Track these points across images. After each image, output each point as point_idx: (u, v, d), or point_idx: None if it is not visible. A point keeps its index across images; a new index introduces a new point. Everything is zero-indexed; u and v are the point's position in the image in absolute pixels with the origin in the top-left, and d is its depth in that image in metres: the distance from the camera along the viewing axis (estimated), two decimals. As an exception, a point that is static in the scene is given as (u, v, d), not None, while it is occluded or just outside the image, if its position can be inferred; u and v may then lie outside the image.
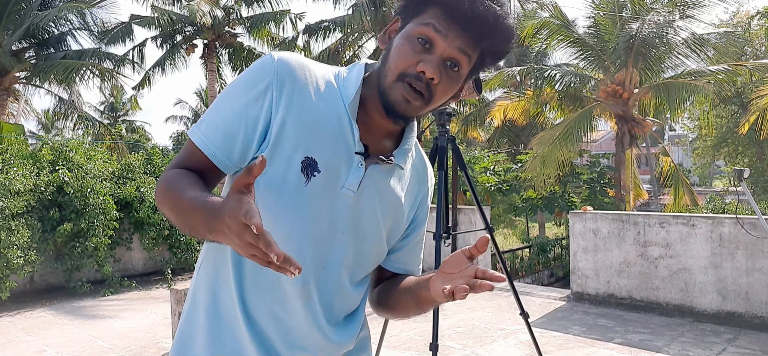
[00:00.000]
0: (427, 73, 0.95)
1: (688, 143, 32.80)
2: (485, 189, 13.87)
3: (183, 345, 1.07)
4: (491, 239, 3.47)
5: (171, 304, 4.61)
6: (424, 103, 0.98)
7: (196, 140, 0.99)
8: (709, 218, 5.26)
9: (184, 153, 1.02)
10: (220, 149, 0.98)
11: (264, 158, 0.77)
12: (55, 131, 26.80)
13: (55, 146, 7.59)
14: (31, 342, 5.23)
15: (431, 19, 0.96)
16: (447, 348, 4.63)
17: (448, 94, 1.01)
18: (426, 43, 0.96)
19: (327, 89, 1.02)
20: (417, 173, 1.15)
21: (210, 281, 1.05)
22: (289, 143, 0.96)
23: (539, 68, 13.10)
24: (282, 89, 0.97)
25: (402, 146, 1.08)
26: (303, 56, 1.03)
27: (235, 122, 0.97)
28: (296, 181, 0.96)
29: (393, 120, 1.01)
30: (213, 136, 0.98)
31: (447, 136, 3.17)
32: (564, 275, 12.04)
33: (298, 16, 16.53)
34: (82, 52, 14.05)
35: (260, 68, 0.99)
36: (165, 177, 0.98)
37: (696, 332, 4.92)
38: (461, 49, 0.97)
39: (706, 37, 11.65)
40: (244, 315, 1.00)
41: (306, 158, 0.97)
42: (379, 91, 0.99)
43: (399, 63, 0.97)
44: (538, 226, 20.10)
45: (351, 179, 1.00)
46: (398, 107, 0.98)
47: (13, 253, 6.24)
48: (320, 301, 1.02)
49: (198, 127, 1.01)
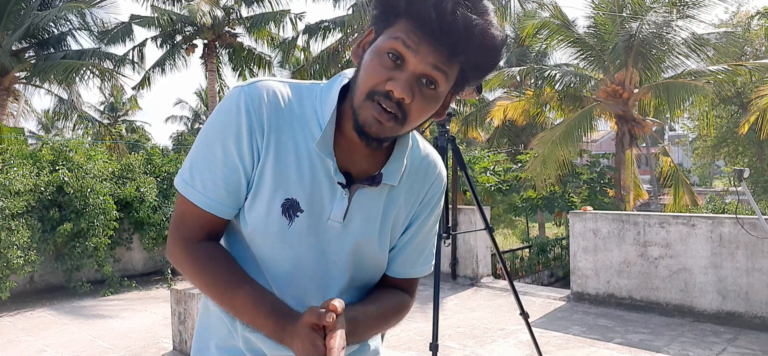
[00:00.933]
0: (395, 93, 0.86)
1: (688, 143, 32.80)
2: (485, 189, 13.87)
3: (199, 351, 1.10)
4: (491, 239, 3.47)
5: (171, 304, 4.62)
6: (398, 124, 0.90)
7: (198, 202, 0.96)
8: (709, 218, 5.26)
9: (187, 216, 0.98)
10: (227, 204, 0.97)
11: (335, 311, 0.85)
12: (55, 131, 26.79)
13: (55, 146, 7.59)
14: (31, 342, 5.23)
15: (400, 32, 0.87)
16: (447, 348, 4.63)
17: (425, 113, 0.92)
18: (397, 58, 0.88)
19: (302, 115, 0.97)
20: (418, 175, 1.07)
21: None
22: (268, 187, 0.95)
23: (539, 68, 13.11)
24: (261, 128, 0.94)
25: (391, 163, 1.00)
26: (273, 80, 0.98)
27: (234, 175, 0.95)
28: (278, 224, 0.95)
29: (366, 143, 0.92)
30: (215, 194, 0.95)
31: (447, 136, 3.17)
32: (564, 275, 12.04)
33: (298, 16, 16.53)
34: (82, 52, 14.06)
35: (236, 108, 0.93)
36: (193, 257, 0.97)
37: (696, 332, 4.92)
38: (435, 65, 0.87)
39: (706, 37, 11.66)
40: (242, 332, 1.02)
41: (286, 200, 0.95)
42: (352, 111, 0.92)
43: (367, 80, 0.89)
44: (538, 226, 20.10)
45: (335, 211, 0.97)
46: (369, 129, 0.90)
47: (13, 253, 6.24)
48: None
49: (192, 184, 0.96)
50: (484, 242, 7.09)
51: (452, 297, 6.42)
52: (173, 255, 1.00)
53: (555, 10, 12.15)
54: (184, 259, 0.98)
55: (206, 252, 0.98)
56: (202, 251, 0.97)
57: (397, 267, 1.10)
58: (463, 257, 7.14)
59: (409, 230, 1.09)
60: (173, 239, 0.99)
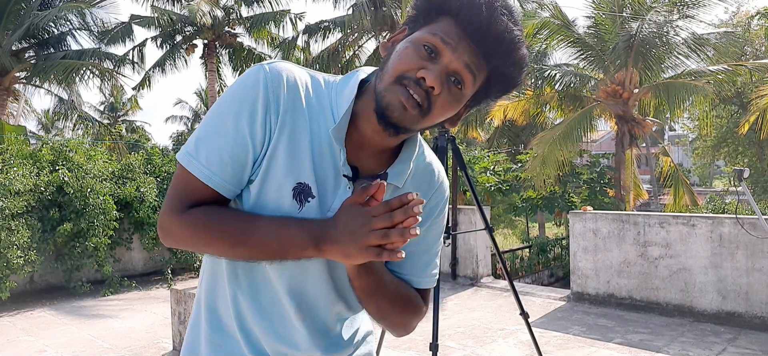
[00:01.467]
0: (427, 80, 0.88)
1: (688, 143, 32.81)
2: (485, 189, 13.88)
3: (190, 351, 1.07)
4: (491, 239, 3.48)
5: (171, 304, 4.62)
6: (420, 114, 0.90)
7: (199, 175, 0.91)
8: (709, 218, 5.26)
9: (184, 189, 0.93)
10: (232, 181, 0.93)
11: (383, 183, 0.85)
12: (55, 131, 26.78)
13: (55, 146, 7.59)
14: (31, 342, 5.23)
15: (440, 29, 0.90)
16: (447, 348, 4.63)
17: (447, 111, 0.93)
18: (431, 51, 0.89)
19: (318, 103, 0.96)
20: (422, 180, 1.06)
21: (207, 292, 1.05)
22: (281, 169, 0.93)
23: (539, 68, 13.10)
24: (278, 107, 0.92)
25: (397, 164, 1.00)
26: (295, 65, 0.97)
27: (241, 151, 0.91)
28: (289, 208, 0.93)
29: (384, 128, 0.92)
30: (219, 168, 0.91)
31: (447, 136, 3.17)
32: (564, 275, 12.04)
33: (298, 16, 16.54)
34: (82, 52, 14.07)
35: (254, 84, 0.92)
36: (194, 217, 0.92)
37: (696, 332, 4.92)
38: (467, 65, 0.90)
39: (706, 37, 11.66)
40: (241, 330, 1.00)
41: (298, 184, 0.93)
42: (375, 95, 0.92)
43: (399, 65, 0.90)
44: (538, 226, 20.11)
45: (337, 202, 0.95)
46: (392, 112, 0.89)
47: (13, 253, 6.24)
48: (312, 320, 1.01)
49: (194, 156, 0.92)
50: (484, 242, 7.09)
51: (452, 297, 6.42)
52: (168, 228, 0.94)
53: (555, 10, 12.15)
54: (185, 223, 0.92)
55: (206, 208, 0.93)
56: (201, 209, 0.93)
57: (403, 275, 1.08)
58: (463, 257, 7.14)
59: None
60: (168, 212, 0.93)
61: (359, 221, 0.84)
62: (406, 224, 0.82)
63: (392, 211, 0.83)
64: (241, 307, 0.99)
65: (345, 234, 0.85)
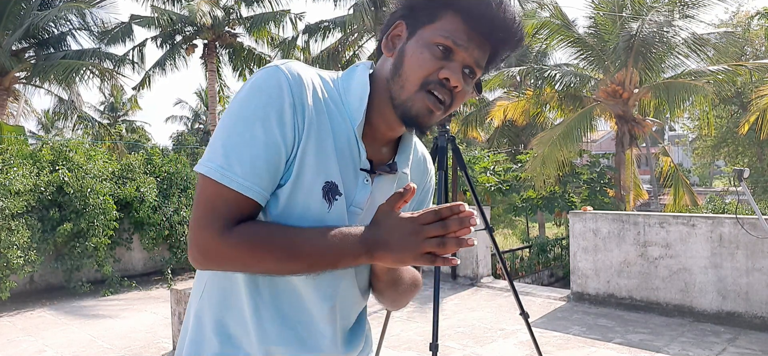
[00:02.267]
0: (451, 81, 0.91)
1: (688, 143, 32.80)
2: (485, 189, 13.88)
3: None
4: (491, 239, 3.47)
5: (171, 304, 4.62)
6: (442, 111, 0.96)
7: (238, 188, 0.87)
8: (709, 218, 5.26)
9: (221, 204, 0.88)
10: (268, 189, 0.91)
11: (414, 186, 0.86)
12: (55, 131, 26.79)
13: (55, 146, 7.60)
14: (31, 342, 5.23)
15: (450, 30, 0.92)
16: (447, 348, 4.63)
17: (464, 100, 0.99)
18: (445, 50, 0.92)
19: (332, 102, 0.98)
20: (419, 167, 1.15)
21: (213, 307, 1.00)
22: (310, 170, 0.92)
23: (539, 68, 13.11)
24: (303, 110, 0.91)
25: (402, 152, 1.06)
26: (304, 65, 0.97)
27: (275, 157, 0.89)
28: (319, 207, 0.93)
29: (416, 131, 0.99)
30: (257, 179, 0.88)
31: (447, 136, 3.17)
32: (564, 275, 12.04)
33: (298, 16, 16.54)
34: (82, 52, 14.07)
35: (277, 88, 0.89)
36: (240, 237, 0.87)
37: (696, 332, 4.92)
38: (478, 61, 0.95)
39: (706, 37, 11.66)
40: (260, 344, 0.96)
41: (327, 183, 0.94)
42: (395, 103, 0.94)
43: (420, 71, 0.92)
44: (538, 226, 20.10)
45: (359, 197, 0.98)
46: (422, 120, 0.94)
47: (13, 253, 6.24)
48: (341, 319, 1.03)
49: (229, 168, 0.87)
50: (484, 242, 7.09)
51: (452, 297, 6.42)
52: (214, 251, 0.88)
53: (555, 10, 12.16)
54: (231, 245, 0.87)
55: (252, 225, 0.90)
56: (247, 227, 0.89)
57: None
58: (463, 257, 7.14)
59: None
60: (209, 233, 0.87)
61: (410, 229, 0.86)
62: (460, 234, 0.85)
63: (443, 220, 0.85)
64: (263, 318, 0.96)
65: (398, 242, 0.87)
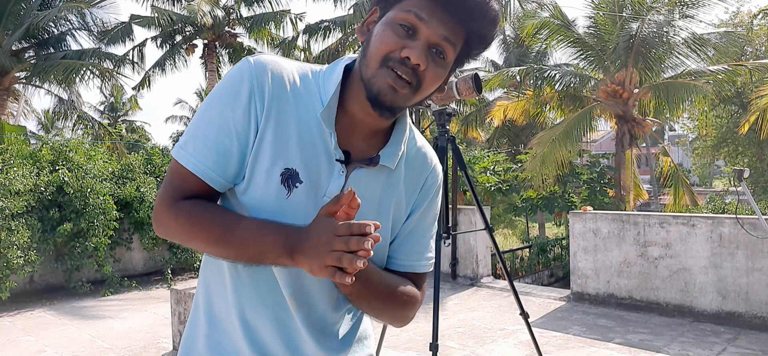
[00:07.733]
0: (412, 59, 0.89)
1: (688, 143, 32.81)
2: (485, 189, 13.88)
3: (187, 348, 1.08)
4: (491, 239, 3.47)
5: (171, 304, 4.61)
6: (411, 91, 0.92)
7: (186, 164, 0.94)
8: (709, 218, 5.25)
9: (176, 179, 0.96)
10: (215, 169, 0.94)
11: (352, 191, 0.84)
12: (55, 131, 26.78)
13: (55, 146, 7.59)
14: (31, 342, 5.23)
15: (412, 5, 0.91)
16: (447, 348, 4.63)
17: (436, 82, 0.95)
18: (409, 29, 0.91)
19: (305, 91, 0.97)
20: (415, 163, 1.08)
21: (205, 291, 1.05)
22: (267, 155, 0.93)
23: (539, 68, 13.11)
24: (263, 96, 0.93)
25: (389, 146, 1.01)
26: (281, 58, 0.99)
27: (225, 138, 0.93)
28: (276, 193, 0.93)
29: (379, 113, 0.94)
30: (204, 157, 0.93)
31: (447, 136, 3.17)
32: (564, 275, 12.04)
33: (298, 16, 16.54)
34: (82, 52, 14.05)
35: (239, 76, 0.94)
36: (182, 210, 0.94)
37: (696, 332, 4.92)
38: (445, 37, 0.92)
39: (706, 37, 11.66)
40: (241, 323, 0.99)
41: (286, 170, 0.94)
42: (364, 82, 0.93)
43: (380, 48, 0.91)
44: (538, 226, 20.10)
45: (332, 187, 0.96)
46: (384, 97, 0.91)
47: (13, 253, 6.24)
48: (305, 311, 1.00)
49: (183, 147, 0.95)
50: (484, 242, 7.09)
51: (452, 297, 6.42)
52: (160, 218, 0.96)
53: (555, 10, 12.16)
54: (173, 215, 0.94)
55: (196, 202, 0.95)
56: (191, 203, 0.94)
57: (401, 258, 1.08)
58: (463, 257, 7.14)
59: (412, 219, 1.08)
60: (159, 203, 0.96)
61: (324, 238, 0.84)
62: (360, 254, 0.81)
63: (351, 236, 0.82)
64: (242, 298, 0.99)
65: (310, 249, 0.85)
